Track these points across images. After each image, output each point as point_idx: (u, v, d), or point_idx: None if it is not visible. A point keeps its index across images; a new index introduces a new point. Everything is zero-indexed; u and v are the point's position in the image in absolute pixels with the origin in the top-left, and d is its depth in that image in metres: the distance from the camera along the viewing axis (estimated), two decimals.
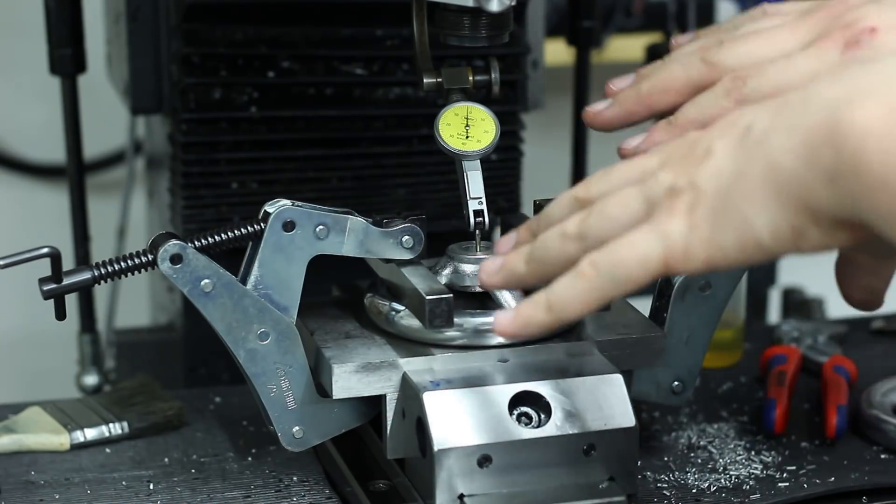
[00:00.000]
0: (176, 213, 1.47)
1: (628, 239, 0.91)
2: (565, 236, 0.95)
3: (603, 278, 0.92)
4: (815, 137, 0.82)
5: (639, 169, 0.94)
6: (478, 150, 1.21)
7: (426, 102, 1.42)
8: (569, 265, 0.94)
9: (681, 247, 0.89)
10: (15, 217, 2.30)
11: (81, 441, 1.27)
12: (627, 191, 0.93)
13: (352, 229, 1.16)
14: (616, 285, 0.92)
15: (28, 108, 2.25)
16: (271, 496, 1.19)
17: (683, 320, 1.23)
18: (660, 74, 1.03)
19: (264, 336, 1.14)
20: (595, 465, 1.13)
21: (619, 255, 0.91)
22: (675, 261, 0.89)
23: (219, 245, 1.14)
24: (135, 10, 1.44)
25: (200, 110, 1.42)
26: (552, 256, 0.96)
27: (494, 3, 1.14)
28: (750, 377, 1.43)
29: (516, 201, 1.52)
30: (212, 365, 1.52)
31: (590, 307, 0.94)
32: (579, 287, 0.94)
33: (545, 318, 0.96)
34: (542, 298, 0.96)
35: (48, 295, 1.11)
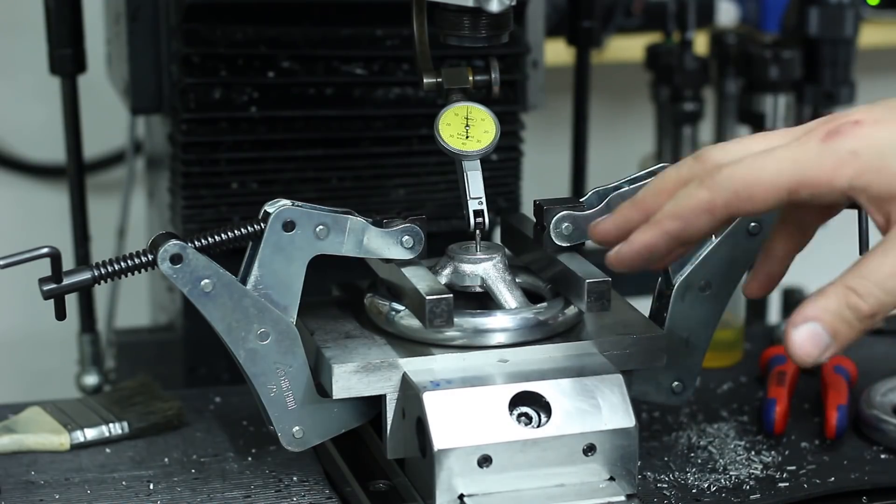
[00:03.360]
0: (176, 213, 1.47)
1: (754, 157, 0.98)
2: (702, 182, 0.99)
3: (726, 190, 0.97)
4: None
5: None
6: (478, 150, 1.21)
7: (426, 102, 1.43)
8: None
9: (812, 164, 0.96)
10: (15, 217, 2.30)
11: (81, 441, 1.27)
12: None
13: (352, 229, 1.16)
14: (738, 198, 0.97)
15: (28, 108, 2.25)
16: (271, 496, 1.19)
17: (683, 320, 1.23)
18: (654, 181, 1.05)
19: (264, 336, 1.14)
20: (595, 465, 1.13)
21: (744, 166, 0.97)
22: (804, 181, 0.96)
23: (219, 245, 1.14)
24: (135, 10, 1.44)
25: (200, 110, 1.42)
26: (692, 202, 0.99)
27: (494, 3, 1.14)
28: (750, 377, 1.43)
29: (516, 201, 1.52)
30: (212, 365, 1.52)
31: (709, 221, 0.98)
32: (699, 195, 0.97)
33: (657, 231, 0.99)
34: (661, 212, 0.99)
35: (48, 295, 1.11)
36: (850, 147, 0.97)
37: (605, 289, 1.16)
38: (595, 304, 1.16)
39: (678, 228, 1.01)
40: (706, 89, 1.98)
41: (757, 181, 0.98)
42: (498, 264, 1.21)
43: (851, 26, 1.89)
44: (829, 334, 0.95)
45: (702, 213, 0.99)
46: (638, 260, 1.03)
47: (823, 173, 0.97)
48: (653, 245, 1.02)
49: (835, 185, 0.97)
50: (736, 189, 0.98)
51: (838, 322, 0.95)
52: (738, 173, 0.98)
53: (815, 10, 1.87)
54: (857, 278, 0.95)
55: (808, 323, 0.95)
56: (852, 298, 0.94)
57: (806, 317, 0.95)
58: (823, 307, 0.95)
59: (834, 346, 0.96)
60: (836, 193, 0.97)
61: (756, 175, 0.98)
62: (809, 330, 0.95)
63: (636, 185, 1.20)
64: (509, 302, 1.20)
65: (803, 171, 0.97)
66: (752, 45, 1.93)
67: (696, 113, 1.96)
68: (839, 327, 0.95)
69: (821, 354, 0.96)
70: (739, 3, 2.35)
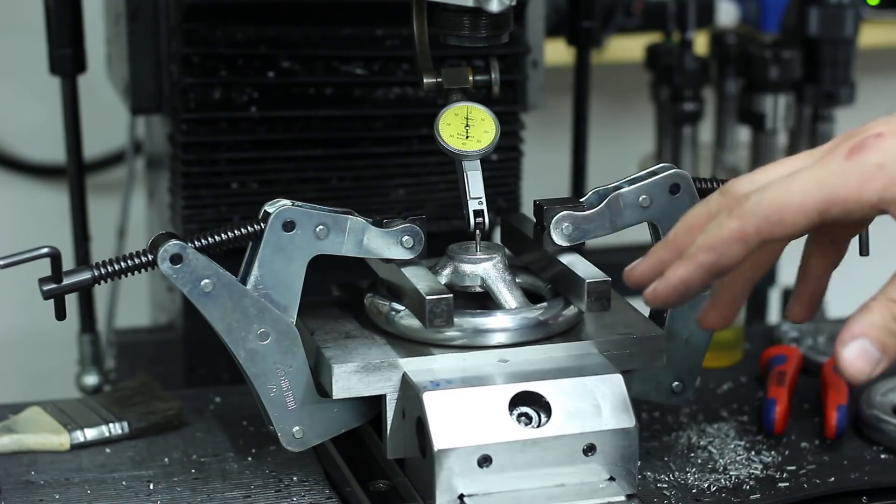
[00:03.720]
0: (176, 213, 1.47)
1: (780, 181, 0.98)
2: (731, 212, 0.98)
3: (756, 216, 0.97)
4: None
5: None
6: (478, 150, 1.21)
7: (426, 102, 1.42)
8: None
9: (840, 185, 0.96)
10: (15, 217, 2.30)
11: (81, 441, 1.27)
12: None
13: (352, 229, 1.16)
14: (769, 224, 0.97)
15: (28, 108, 2.25)
16: (271, 496, 1.19)
17: (683, 320, 1.23)
18: (683, 218, 1.04)
19: (264, 336, 1.14)
20: (595, 465, 1.13)
21: (771, 192, 0.97)
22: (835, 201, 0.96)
23: (219, 245, 1.14)
24: (135, 10, 1.44)
25: (200, 110, 1.42)
26: (724, 234, 0.98)
27: (494, 4, 1.14)
28: (750, 377, 1.43)
29: (516, 201, 1.52)
30: (212, 365, 1.52)
31: (742, 250, 0.98)
32: (730, 225, 0.97)
33: (691, 265, 0.99)
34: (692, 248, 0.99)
35: (48, 295, 1.11)
36: (876, 160, 0.96)
37: (605, 289, 1.16)
38: (595, 304, 1.16)
39: (712, 261, 1.00)
40: (706, 89, 1.98)
41: (786, 205, 0.97)
42: (498, 264, 1.21)
43: (851, 26, 1.89)
44: (878, 349, 0.95)
45: (734, 243, 0.99)
46: (674, 295, 1.02)
47: (851, 190, 0.96)
48: (688, 279, 1.01)
49: (864, 200, 0.96)
50: (766, 215, 0.98)
51: (885, 335, 0.95)
52: (766, 199, 0.98)
53: (815, 10, 1.87)
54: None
55: (857, 340, 0.95)
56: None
57: (854, 334, 0.95)
58: (870, 322, 0.95)
59: (885, 361, 0.95)
60: (867, 208, 0.96)
61: (784, 199, 0.97)
62: (859, 347, 0.95)
63: (636, 184, 1.20)
64: (509, 302, 1.20)
65: (831, 189, 0.97)
66: (752, 45, 1.93)
67: (696, 113, 1.96)
68: (887, 340, 0.95)
69: (873, 370, 0.95)
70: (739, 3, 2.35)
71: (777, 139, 1.95)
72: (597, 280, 1.16)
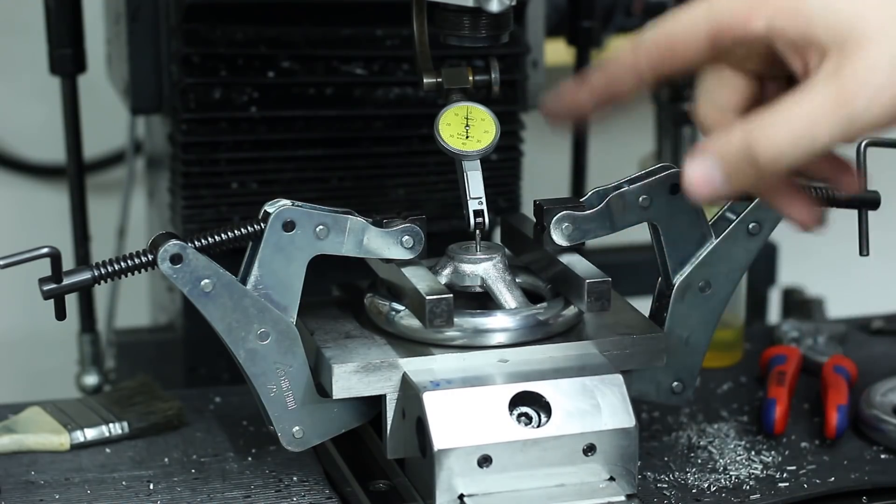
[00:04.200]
0: (176, 213, 1.47)
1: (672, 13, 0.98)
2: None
3: (647, 45, 0.98)
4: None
5: None
6: (478, 150, 1.21)
7: (426, 102, 1.42)
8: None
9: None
10: (15, 217, 2.30)
11: (81, 441, 1.27)
12: None
13: (352, 229, 1.16)
14: (660, 51, 0.97)
15: (28, 108, 2.25)
16: (271, 496, 1.19)
17: (683, 320, 1.23)
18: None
19: (264, 336, 1.14)
20: (595, 465, 1.13)
21: (663, 21, 0.98)
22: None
23: (219, 245, 1.14)
24: (135, 10, 1.44)
25: (200, 110, 1.42)
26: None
27: (494, 4, 1.14)
28: (750, 377, 1.43)
29: (516, 201, 1.52)
30: (212, 365, 1.52)
31: (633, 78, 0.98)
32: (624, 52, 0.98)
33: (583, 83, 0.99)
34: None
35: (48, 295, 1.11)
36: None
37: (605, 289, 1.16)
38: (595, 304, 1.16)
39: (602, 82, 1.00)
40: None
41: (674, 33, 0.97)
42: (498, 264, 1.21)
43: None
44: (724, 175, 0.93)
45: (627, 73, 0.99)
46: (564, 109, 1.03)
47: (739, 18, 0.94)
48: (577, 98, 1.02)
49: (751, 29, 0.94)
50: (656, 42, 0.98)
51: (733, 165, 0.93)
52: (658, 27, 0.98)
53: None
54: (761, 127, 0.92)
55: (705, 157, 0.93)
56: (753, 146, 0.92)
57: (705, 151, 0.94)
58: (722, 146, 0.93)
59: (726, 189, 0.94)
60: (755, 38, 0.94)
61: (672, 28, 0.97)
62: (705, 166, 0.93)
63: (636, 184, 1.20)
64: (509, 302, 1.20)
65: (719, 15, 0.95)
66: None
67: None
68: (733, 171, 0.93)
69: (712, 194, 0.94)
70: None
71: None
72: (597, 280, 1.16)
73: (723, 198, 0.95)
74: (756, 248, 1.23)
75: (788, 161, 0.91)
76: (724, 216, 1.24)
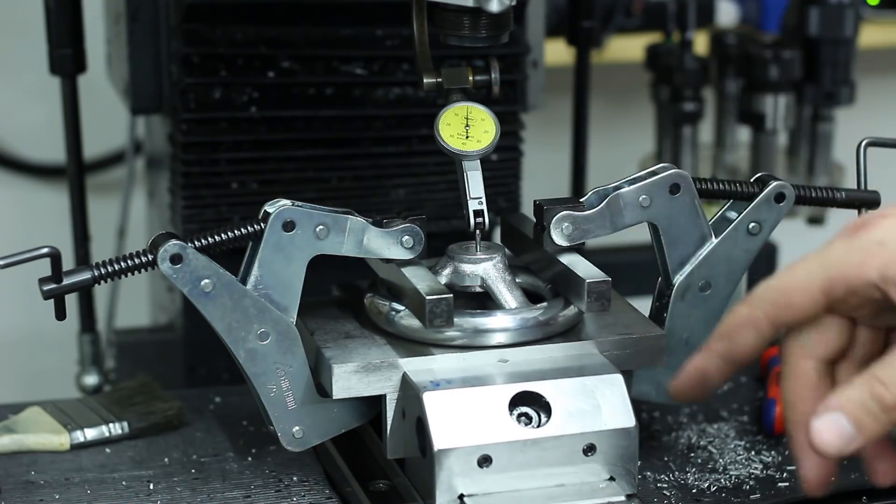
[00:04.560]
0: (176, 213, 1.47)
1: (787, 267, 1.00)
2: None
3: (763, 301, 1.00)
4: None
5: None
6: (478, 150, 1.21)
7: (426, 102, 1.42)
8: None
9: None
10: (15, 217, 2.30)
11: (81, 441, 1.27)
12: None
13: (352, 229, 1.16)
14: (776, 307, 0.99)
15: (28, 108, 2.25)
16: (271, 496, 1.19)
17: (683, 320, 1.23)
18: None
19: (264, 336, 1.14)
20: (595, 465, 1.13)
21: (777, 277, 1.00)
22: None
23: (219, 245, 1.14)
24: (135, 10, 1.44)
25: (200, 110, 1.42)
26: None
27: (494, 4, 1.14)
28: (750, 377, 1.43)
29: (516, 201, 1.52)
30: (212, 365, 1.52)
31: (755, 336, 1.00)
32: (741, 312, 1.01)
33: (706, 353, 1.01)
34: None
35: (48, 295, 1.11)
36: (877, 238, 0.97)
37: (605, 289, 1.16)
38: (595, 304, 1.16)
39: (725, 348, 1.01)
40: (706, 89, 1.98)
41: (790, 287, 0.98)
42: (498, 264, 1.21)
43: (851, 26, 1.89)
44: (853, 425, 0.94)
45: (745, 329, 1.00)
46: (693, 384, 1.03)
47: (853, 267, 0.97)
48: (703, 368, 1.02)
49: (865, 276, 0.96)
50: (772, 299, 0.99)
51: (862, 413, 0.94)
52: (773, 283, 0.99)
53: (815, 10, 1.87)
54: (884, 368, 0.94)
55: (831, 413, 0.94)
56: (878, 388, 0.93)
57: (829, 406, 0.94)
58: (847, 397, 0.94)
59: (859, 439, 0.94)
60: (869, 286, 0.96)
61: (788, 282, 0.98)
62: (832, 420, 0.94)
63: (636, 184, 1.20)
64: (509, 302, 1.20)
65: (833, 267, 0.97)
66: (752, 45, 1.93)
67: (696, 113, 1.96)
68: (864, 419, 0.94)
69: (844, 447, 0.94)
70: (739, 3, 2.35)
71: (777, 139, 1.96)
72: (597, 280, 1.16)
73: (855, 449, 0.95)
74: (756, 248, 1.23)
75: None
76: (724, 216, 1.24)
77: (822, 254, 0.98)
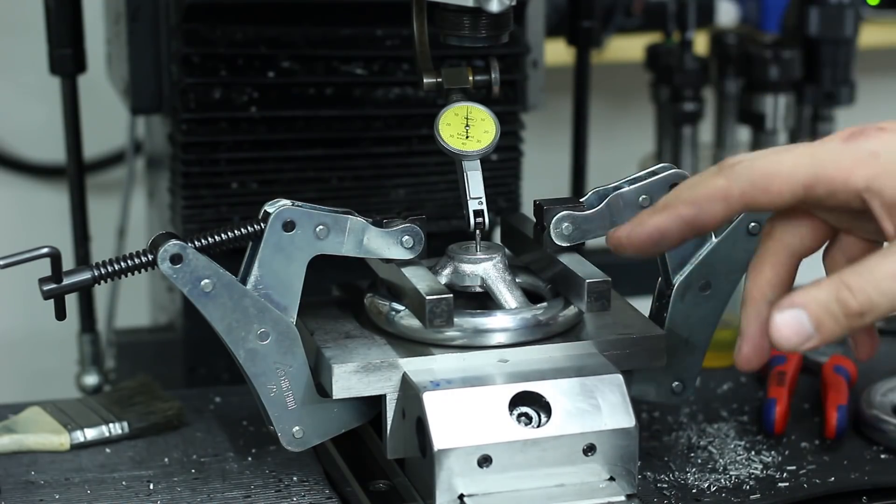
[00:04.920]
0: (176, 213, 1.47)
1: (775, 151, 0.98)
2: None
3: (742, 178, 0.97)
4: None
5: None
6: (478, 150, 1.21)
7: (426, 102, 1.43)
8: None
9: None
10: (15, 217, 2.30)
11: (81, 441, 1.27)
12: None
13: (352, 229, 1.16)
14: (754, 188, 0.97)
15: (28, 108, 2.25)
16: (271, 496, 1.19)
17: (683, 320, 1.23)
18: (677, 187, 1.04)
19: (264, 336, 1.14)
20: (595, 465, 1.13)
21: (763, 158, 0.98)
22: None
23: (219, 245, 1.14)
24: (135, 10, 1.44)
25: (200, 110, 1.42)
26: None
27: (494, 4, 1.14)
28: (750, 377, 1.43)
29: (516, 201, 1.52)
30: (212, 365, 1.52)
31: (723, 210, 0.98)
32: (716, 182, 0.98)
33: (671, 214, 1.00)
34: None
35: (48, 295, 1.11)
36: (872, 148, 0.96)
37: (605, 289, 1.16)
38: (595, 304, 1.16)
39: (692, 214, 1.00)
40: (706, 89, 1.98)
41: (775, 173, 0.97)
42: (498, 264, 1.21)
43: (851, 26, 1.89)
44: (813, 325, 0.93)
45: (717, 201, 0.99)
46: (648, 242, 1.01)
47: (841, 170, 0.96)
48: (665, 228, 1.00)
49: (851, 184, 0.96)
50: (753, 179, 0.98)
51: (824, 314, 0.93)
52: (757, 165, 0.98)
53: (815, 10, 1.87)
54: (852, 274, 0.93)
55: (794, 309, 0.94)
56: (843, 293, 0.93)
57: (793, 303, 0.94)
58: (813, 296, 0.93)
59: (816, 338, 0.94)
60: (852, 193, 0.96)
61: (774, 167, 0.97)
62: (793, 316, 0.94)
63: (636, 184, 1.20)
64: (509, 302, 1.20)
65: (821, 165, 0.96)
66: (752, 45, 1.93)
67: (696, 113, 1.96)
68: (824, 319, 0.93)
69: (801, 343, 0.94)
70: (739, 3, 2.35)
71: (777, 139, 1.95)
72: (597, 280, 1.16)
73: (812, 347, 0.95)
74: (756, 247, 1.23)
75: (878, 314, 0.93)
76: None
77: (814, 149, 0.97)
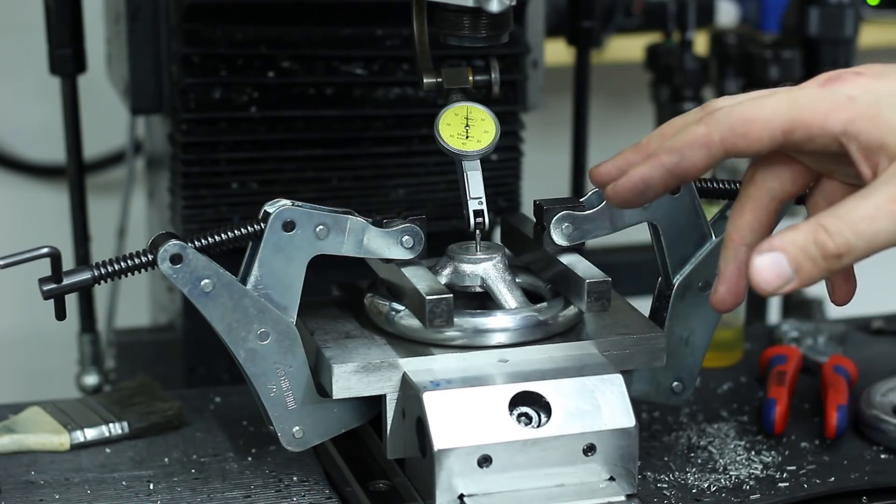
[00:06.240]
0: (176, 213, 1.47)
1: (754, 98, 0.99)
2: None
3: (722, 125, 0.98)
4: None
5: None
6: (478, 150, 1.21)
7: (426, 102, 1.42)
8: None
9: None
10: (15, 217, 2.31)
11: (81, 441, 1.27)
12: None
13: (352, 229, 1.16)
14: (734, 134, 0.98)
15: (28, 108, 2.25)
16: (271, 496, 1.19)
17: (683, 320, 1.23)
18: (660, 127, 1.05)
19: (264, 336, 1.14)
20: (595, 465, 1.13)
21: (742, 105, 0.99)
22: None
23: (219, 245, 1.14)
24: (135, 10, 1.44)
25: (200, 110, 1.42)
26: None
27: (494, 4, 1.14)
28: (750, 377, 1.43)
29: (516, 201, 1.52)
30: (212, 365, 1.52)
31: (705, 156, 0.99)
32: (697, 130, 0.99)
33: (654, 164, 1.00)
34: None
35: (48, 295, 1.11)
36: (848, 92, 0.98)
37: (605, 289, 1.16)
38: (595, 304, 1.16)
39: (674, 162, 1.01)
40: (706, 89, 1.98)
41: (754, 118, 0.98)
42: (498, 264, 1.21)
43: (851, 26, 1.89)
44: (793, 267, 0.94)
45: (698, 148, 1.00)
46: (634, 192, 1.03)
47: (818, 114, 0.97)
48: (648, 177, 1.02)
49: (828, 127, 0.97)
50: (732, 125, 0.99)
51: (803, 256, 0.94)
52: (736, 111, 0.99)
53: (815, 10, 1.87)
54: (830, 217, 0.94)
55: (773, 252, 0.94)
56: (821, 235, 0.93)
57: (772, 246, 0.94)
58: (791, 239, 0.94)
59: (795, 281, 0.94)
60: (829, 137, 0.97)
61: (753, 113, 0.98)
62: (773, 259, 0.94)
63: None
64: (509, 302, 1.20)
65: (799, 110, 0.98)
66: (752, 45, 1.93)
67: None
68: (803, 262, 0.94)
69: (780, 286, 0.94)
70: (739, 3, 2.35)
71: None
72: (597, 280, 1.16)
73: (791, 290, 0.95)
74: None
75: (855, 256, 0.94)
76: (724, 216, 1.24)
77: (791, 95, 0.99)
